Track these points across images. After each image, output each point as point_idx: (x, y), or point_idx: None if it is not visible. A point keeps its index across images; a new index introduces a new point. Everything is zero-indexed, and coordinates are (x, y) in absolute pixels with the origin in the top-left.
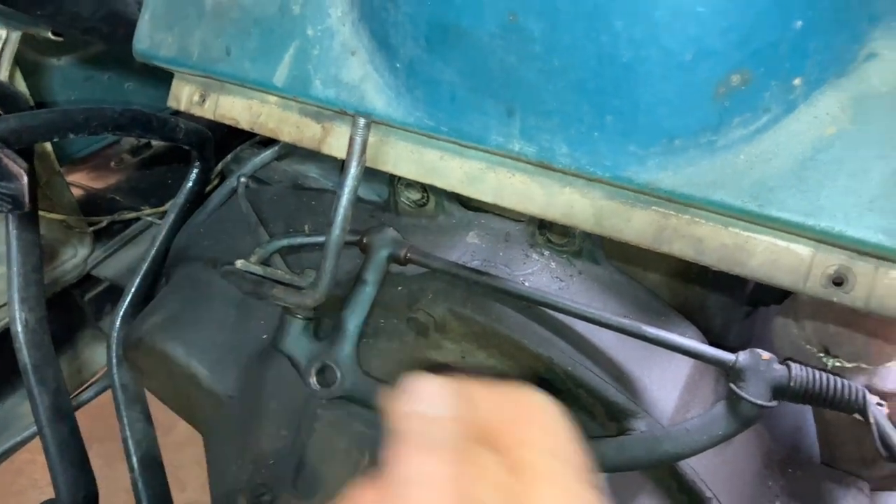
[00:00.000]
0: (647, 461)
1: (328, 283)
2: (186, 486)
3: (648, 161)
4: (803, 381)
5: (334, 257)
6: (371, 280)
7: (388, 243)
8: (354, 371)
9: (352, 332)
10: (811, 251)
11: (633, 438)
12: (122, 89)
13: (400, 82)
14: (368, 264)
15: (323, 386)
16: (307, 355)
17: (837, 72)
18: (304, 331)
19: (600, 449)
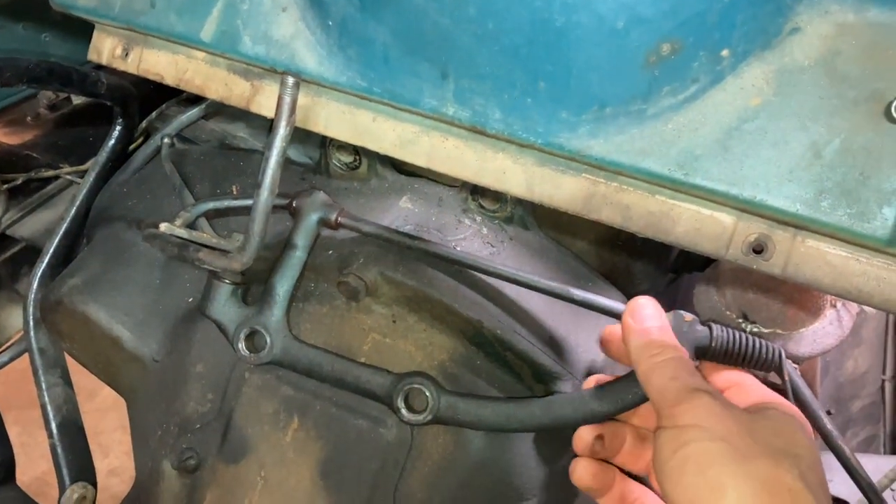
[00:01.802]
0: (574, 420)
1: (256, 246)
2: (109, 451)
3: (580, 128)
4: (724, 341)
5: (262, 220)
6: (301, 244)
7: (319, 207)
8: (284, 336)
9: (281, 297)
10: (733, 220)
11: (561, 398)
12: (38, 41)
13: (332, 41)
14: (298, 228)
15: (252, 352)
16: (235, 321)
17: (763, 45)
18: (232, 296)
19: (529, 409)
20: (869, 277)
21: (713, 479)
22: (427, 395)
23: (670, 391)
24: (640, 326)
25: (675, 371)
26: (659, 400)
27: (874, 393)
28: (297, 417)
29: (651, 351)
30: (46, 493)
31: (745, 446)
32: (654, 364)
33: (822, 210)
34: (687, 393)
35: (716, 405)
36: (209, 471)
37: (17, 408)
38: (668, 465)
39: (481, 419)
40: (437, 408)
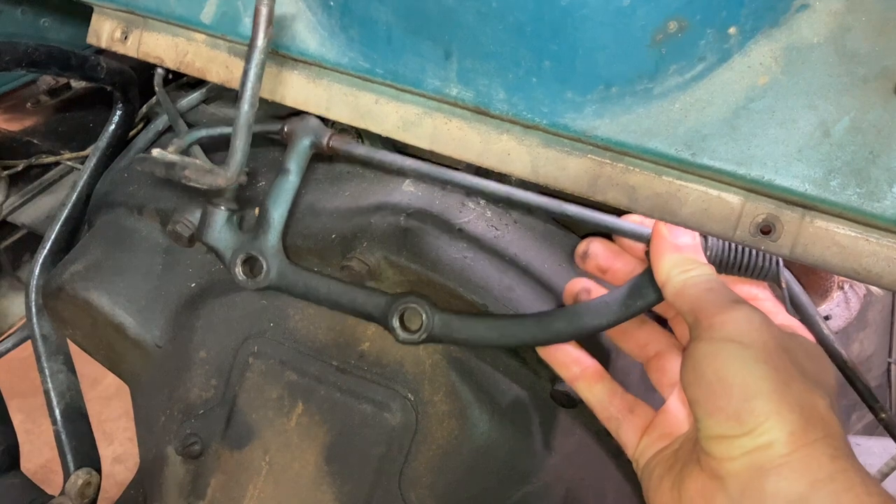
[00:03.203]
0: (569, 334)
1: (240, 161)
2: (114, 439)
3: (585, 108)
4: (719, 249)
5: (245, 134)
6: (294, 169)
7: (311, 131)
8: (281, 260)
9: (276, 221)
10: (741, 200)
11: (554, 313)
12: (37, 25)
13: (334, 21)
14: (291, 153)
15: (249, 277)
16: (231, 246)
17: (771, 22)
18: (228, 222)
19: (524, 324)
20: (879, 258)
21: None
22: (422, 314)
23: (708, 302)
24: (674, 241)
25: (712, 284)
26: (696, 310)
27: (880, 376)
28: (301, 402)
29: (686, 265)
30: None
31: (783, 367)
32: (690, 277)
33: (831, 190)
34: (727, 304)
35: (755, 318)
36: (213, 456)
37: (20, 395)
38: (705, 379)
39: (475, 335)
40: (431, 326)
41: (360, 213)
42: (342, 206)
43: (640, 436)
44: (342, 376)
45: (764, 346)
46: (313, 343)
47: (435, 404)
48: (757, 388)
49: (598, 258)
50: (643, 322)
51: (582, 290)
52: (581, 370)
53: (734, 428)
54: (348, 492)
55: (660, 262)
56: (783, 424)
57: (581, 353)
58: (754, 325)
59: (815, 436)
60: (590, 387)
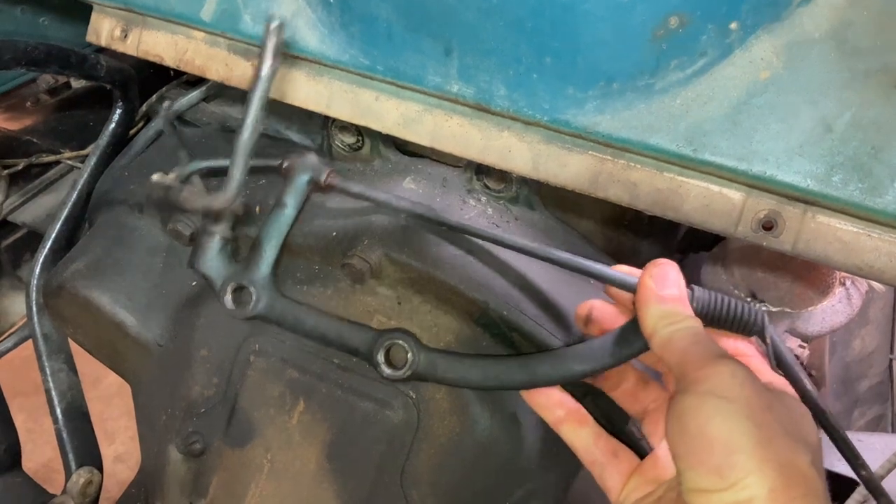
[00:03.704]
0: (554, 379)
1: (237, 185)
2: (115, 438)
3: (586, 104)
4: (705, 302)
5: (244, 159)
6: (291, 203)
7: (309, 168)
8: (270, 292)
9: (269, 253)
10: (743, 196)
11: (540, 357)
12: (36, 24)
13: (334, 18)
14: (288, 188)
15: (238, 306)
16: (223, 275)
17: (772, 17)
18: (221, 251)
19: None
20: (881, 253)
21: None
22: (407, 351)
23: (694, 355)
24: (661, 292)
25: (698, 337)
26: (682, 363)
27: (882, 372)
28: (302, 400)
29: (673, 318)
30: (53, 479)
31: (766, 423)
32: (676, 330)
33: (832, 185)
34: (712, 358)
35: (740, 373)
36: (215, 455)
37: (22, 394)
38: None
39: (459, 376)
40: (416, 363)
41: (360, 211)
42: (343, 203)
43: (625, 481)
44: (343, 374)
45: (747, 402)
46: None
47: (436, 402)
48: (739, 443)
49: (602, 322)
50: (647, 383)
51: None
52: (565, 413)
53: (716, 482)
54: (350, 489)
55: (646, 314)
56: (764, 481)
57: (565, 396)
58: (738, 379)
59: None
60: (575, 430)
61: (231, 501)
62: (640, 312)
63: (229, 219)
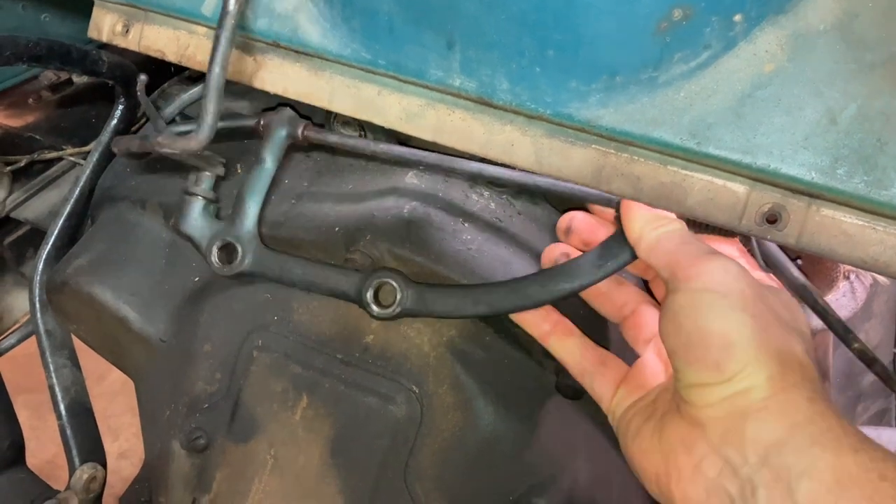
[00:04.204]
0: (544, 298)
1: (211, 124)
2: (119, 434)
3: (590, 97)
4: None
5: (215, 97)
6: (269, 159)
7: (286, 122)
8: (256, 246)
9: (252, 209)
10: (747, 189)
11: (528, 278)
12: (38, 20)
13: (335, 12)
14: (266, 144)
15: (224, 263)
16: (208, 234)
17: (777, 8)
18: (204, 211)
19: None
20: (886, 246)
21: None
22: (395, 288)
23: (684, 255)
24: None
25: (685, 237)
26: (671, 263)
27: (886, 366)
28: (305, 395)
29: (658, 221)
30: (57, 476)
31: (760, 314)
32: (663, 232)
33: (837, 178)
34: (702, 255)
35: (732, 268)
36: (218, 450)
37: (25, 391)
38: (684, 329)
39: (449, 307)
40: (405, 300)
41: (363, 206)
42: (345, 198)
43: (615, 388)
44: (347, 369)
45: (741, 295)
46: (317, 336)
47: (440, 396)
48: (735, 335)
49: (580, 232)
50: (620, 283)
51: (560, 255)
52: (551, 326)
53: (713, 376)
54: (353, 484)
55: (631, 221)
56: (762, 370)
57: (550, 310)
58: (731, 274)
59: (792, 380)
60: (561, 342)
61: (235, 497)
62: (624, 219)
63: (211, 179)
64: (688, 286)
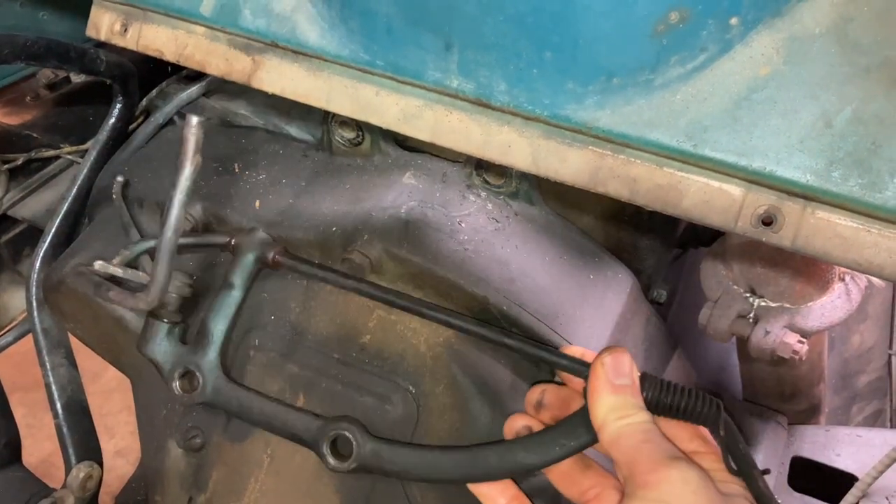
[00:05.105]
0: (501, 472)
1: (160, 287)
2: (115, 432)
3: (586, 99)
4: (656, 392)
5: (167, 261)
6: (238, 283)
7: (256, 245)
8: (217, 377)
9: (216, 337)
10: (743, 191)
11: (487, 449)
12: (36, 18)
13: (334, 13)
14: (235, 267)
15: (185, 391)
16: (171, 360)
17: (773, 12)
18: (169, 335)
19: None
20: (880, 249)
21: None
22: (352, 442)
23: (644, 456)
24: (614, 381)
25: (648, 435)
26: (630, 464)
27: (880, 368)
28: (302, 395)
29: (623, 411)
30: (53, 474)
31: None
32: (626, 425)
33: (832, 181)
34: (662, 460)
35: (692, 479)
36: (215, 449)
37: (21, 389)
38: None
39: (405, 468)
40: (361, 455)
41: (360, 206)
42: (343, 198)
43: None
44: (343, 369)
45: None
46: (314, 335)
47: (436, 397)
48: None
49: (552, 408)
50: (587, 466)
51: (523, 429)
52: (507, 501)
53: None
54: (350, 484)
55: (596, 405)
56: None
57: (508, 484)
58: (690, 487)
59: None
60: None
61: (231, 496)
62: (590, 402)
63: (176, 302)
64: (644, 495)
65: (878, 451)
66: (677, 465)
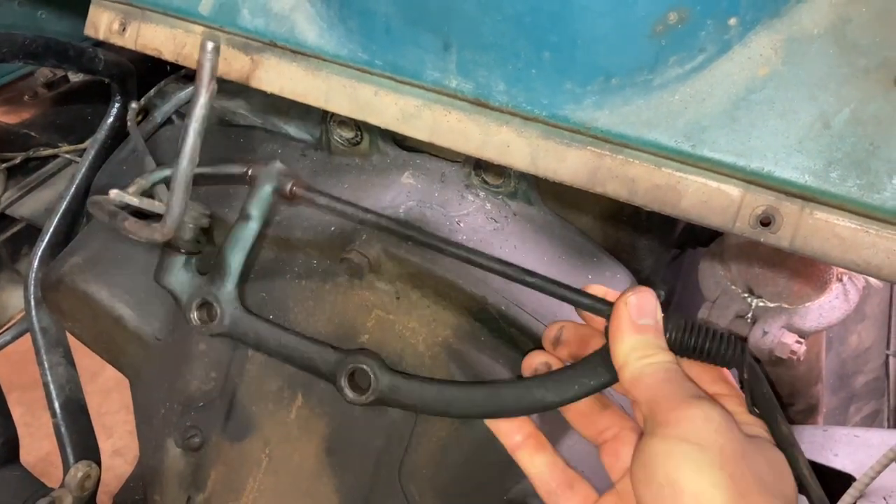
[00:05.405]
0: (519, 409)
1: (177, 217)
2: (113, 432)
3: (585, 99)
4: (680, 332)
5: (183, 190)
6: (255, 215)
7: (273, 176)
8: (235, 308)
9: (233, 268)
10: (741, 192)
11: (505, 386)
12: (34, 17)
13: (332, 12)
14: (252, 198)
15: (203, 322)
16: (188, 291)
17: (771, 12)
18: (186, 265)
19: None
20: (878, 249)
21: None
22: (370, 375)
23: (666, 395)
24: (637, 321)
25: (671, 374)
26: (652, 403)
27: (878, 368)
28: (300, 394)
29: (645, 350)
30: (51, 473)
31: (740, 475)
32: (648, 364)
33: (831, 181)
34: (685, 399)
35: (715, 417)
36: (213, 449)
37: (19, 388)
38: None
39: (423, 402)
40: (379, 388)
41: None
42: (342, 197)
43: None
44: None
45: (721, 451)
46: (313, 334)
47: None
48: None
49: (570, 344)
50: (605, 406)
51: (541, 365)
52: (523, 438)
53: None
54: (348, 484)
55: (618, 344)
56: None
57: (525, 420)
58: (713, 425)
59: None
60: (531, 457)
61: (229, 495)
62: (612, 341)
63: (193, 232)
64: (665, 433)
65: (875, 452)
66: (700, 403)
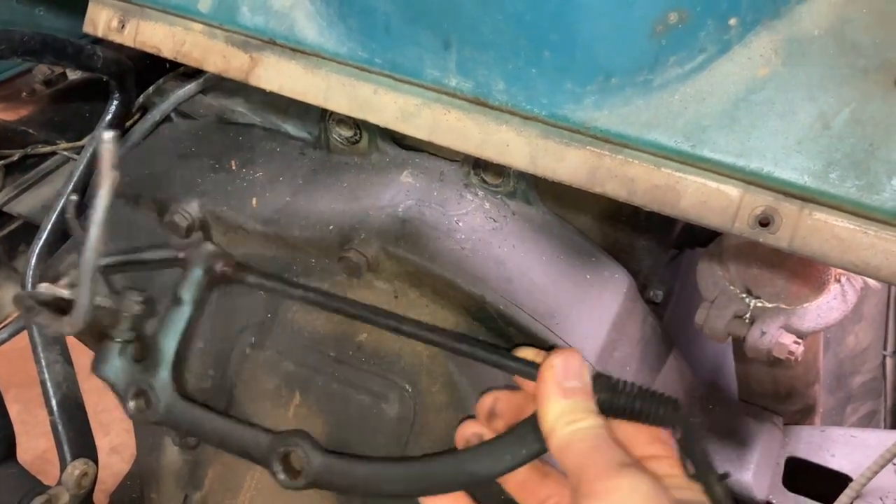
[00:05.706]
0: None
1: (83, 310)
2: (110, 429)
3: (585, 99)
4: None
5: (88, 282)
6: (187, 299)
7: (203, 259)
8: (171, 395)
9: (167, 354)
10: (740, 192)
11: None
12: (32, 14)
13: (332, 10)
14: (184, 282)
15: (140, 411)
16: (124, 380)
17: (772, 13)
18: (121, 354)
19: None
20: (877, 250)
21: None
22: (302, 457)
23: (593, 464)
24: (564, 384)
25: (598, 441)
26: (578, 472)
27: (875, 368)
28: (298, 393)
29: (573, 415)
30: (48, 471)
31: None
32: (575, 430)
33: (830, 182)
34: (612, 468)
35: (642, 488)
36: (210, 447)
37: (16, 386)
38: None
39: (357, 483)
40: (311, 471)
41: (357, 204)
42: (340, 196)
43: None
44: (339, 367)
45: None
46: (311, 334)
47: (432, 395)
48: None
49: (505, 416)
50: (544, 475)
51: (472, 436)
52: None
53: None
54: None
55: (545, 410)
56: None
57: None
58: (639, 496)
59: None
60: None
61: (226, 494)
62: (539, 407)
63: (127, 321)
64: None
65: (872, 452)
66: (627, 472)
